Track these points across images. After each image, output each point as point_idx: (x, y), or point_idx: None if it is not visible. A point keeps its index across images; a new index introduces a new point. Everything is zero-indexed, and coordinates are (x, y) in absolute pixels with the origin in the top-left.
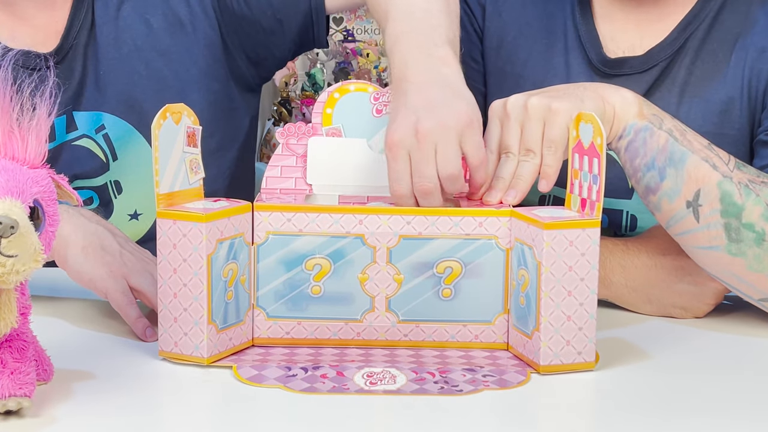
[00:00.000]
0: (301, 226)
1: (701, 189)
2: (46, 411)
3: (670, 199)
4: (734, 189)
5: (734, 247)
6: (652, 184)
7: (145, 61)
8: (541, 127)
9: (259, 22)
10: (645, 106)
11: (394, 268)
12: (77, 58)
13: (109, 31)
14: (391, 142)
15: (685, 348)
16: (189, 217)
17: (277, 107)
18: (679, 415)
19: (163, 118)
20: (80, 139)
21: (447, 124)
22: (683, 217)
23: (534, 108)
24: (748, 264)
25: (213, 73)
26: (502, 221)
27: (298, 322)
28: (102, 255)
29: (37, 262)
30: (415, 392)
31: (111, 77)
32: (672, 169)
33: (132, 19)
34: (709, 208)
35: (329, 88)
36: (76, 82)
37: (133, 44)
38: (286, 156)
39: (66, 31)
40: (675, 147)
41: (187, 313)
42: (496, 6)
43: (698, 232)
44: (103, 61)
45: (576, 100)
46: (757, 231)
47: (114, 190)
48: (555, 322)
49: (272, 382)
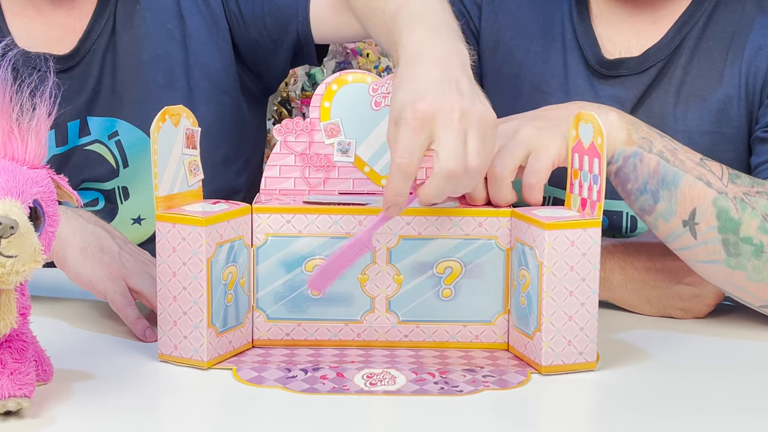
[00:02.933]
0: (300, 228)
1: (697, 208)
2: (46, 411)
3: (665, 219)
4: (730, 204)
5: (733, 261)
6: (646, 206)
7: (163, 70)
8: (522, 158)
9: (257, 41)
10: (633, 130)
11: (394, 269)
12: (94, 63)
13: (129, 38)
14: (423, 112)
15: (685, 348)
16: (188, 220)
17: (277, 107)
18: (680, 414)
19: (161, 121)
20: (92, 144)
21: (484, 117)
22: (680, 235)
23: (522, 139)
24: (748, 275)
25: (224, 86)
26: (502, 221)
27: (298, 324)
28: (101, 256)
29: (36, 262)
30: (415, 393)
31: (128, 85)
32: (665, 191)
33: (153, 28)
34: (706, 226)
35: (327, 79)
36: (91, 87)
37: (153, 53)
38: (284, 155)
39: (85, 35)
40: (667, 169)
41: (187, 316)
42: (492, 6)
43: (696, 248)
44: (121, 68)
45: (563, 131)
46: (755, 244)
47: (121, 196)
48: (556, 323)
49: (272, 384)
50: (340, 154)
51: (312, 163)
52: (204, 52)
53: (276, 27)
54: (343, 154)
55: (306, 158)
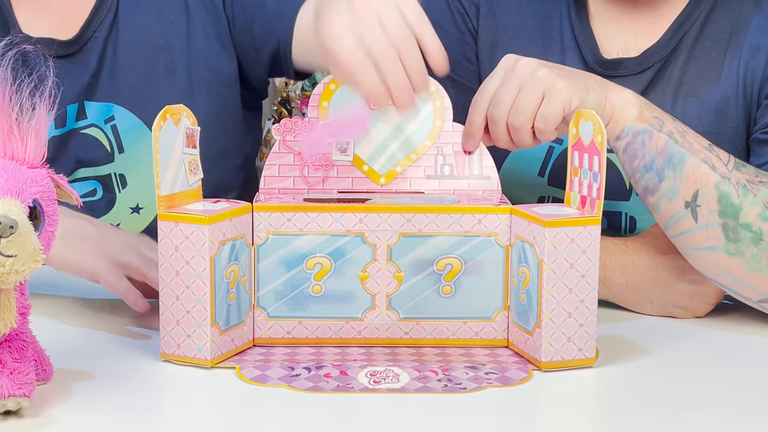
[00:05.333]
0: (301, 226)
1: (699, 190)
2: (46, 411)
3: (668, 199)
4: (732, 190)
5: (732, 246)
6: (651, 185)
7: (164, 60)
8: (538, 98)
9: (242, 45)
10: (646, 109)
11: (395, 266)
12: (95, 50)
13: (132, 27)
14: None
15: (684, 345)
16: (191, 219)
17: (277, 107)
18: (679, 410)
19: (163, 120)
20: (88, 128)
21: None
22: (681, 217)
23: (540, 78)
24: (746, 264)
25: (226, 79)
26: (501, 218)
27: (299, 322)
28: (83, 242)
29: (36, 261)
30: (419, 390)
31: (127, 72)
32: (671, 171)
33: (156, 18)
34: (707, 209)
35: (324, 79)
36: (90, 73)
37: (154, 42)
38: (283, 154)
39: (87, 22)
40: (674, 149)
41: (190, 315)
42: (490, 6)
43: (696, 233)
44: (122, 56)
45: (581, 87)
46: (755, 231)
47: (119, 184)
48: (556, 319)
49: (276, 382)
50: (338, 153)
51: (311, 162)
52: (206, 44)
53: (261, 36)
54: (341, 153)
55: (305, 157)
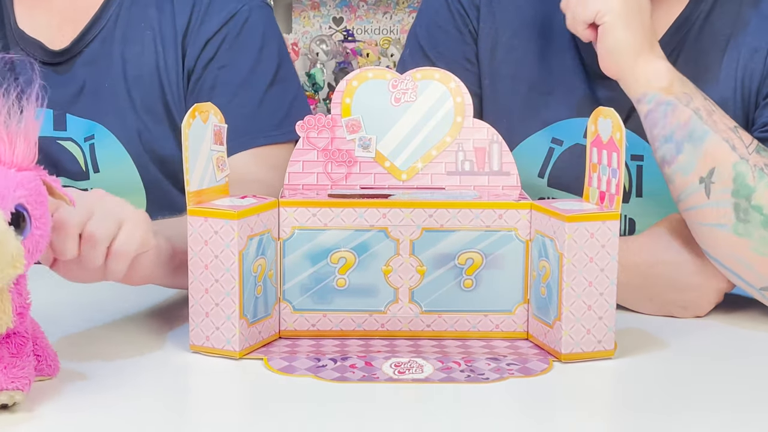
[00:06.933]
0: (325, 221)
1: (716, 167)
2: (48, 410)
3: (684, 172)
4: (748, 171)
5: (741, 227)
6: (668, 156)
7: (141, 93)
8: None
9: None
10: (678, 84)
11: (417, 260)
12: (85, 65)
13: (122, 50)
14: None
15: (701, 336)
16: (221, 214)
17: None
18: (698, 400)
19: (192, 117)
20: (66, 141)
21: None
22: (694, 192)
23: None
24: (754, 246)
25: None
26: (522, 213)
27: (324, 315)
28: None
29: (15, 268)
30: (443, 381)
31: (112, 94)
32: (689, 145)
33: (148, 50)
34: (721, 186)
35: (348, 76)
36: (77, 87)
37: (138, 73)
38: (307, 150)
39: (81, 35)
40: (697, 124)
41: (219, 308)
42: (490, 7)
43: (706, 209)
44: (109, 76)
45: None
46: (765, 214)
47: None
48: (576, 312)
49: (303, 373)
50: (361, 149)
51: (334, 158)
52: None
53: None
54: (364, 150)
55: (328, 154)
